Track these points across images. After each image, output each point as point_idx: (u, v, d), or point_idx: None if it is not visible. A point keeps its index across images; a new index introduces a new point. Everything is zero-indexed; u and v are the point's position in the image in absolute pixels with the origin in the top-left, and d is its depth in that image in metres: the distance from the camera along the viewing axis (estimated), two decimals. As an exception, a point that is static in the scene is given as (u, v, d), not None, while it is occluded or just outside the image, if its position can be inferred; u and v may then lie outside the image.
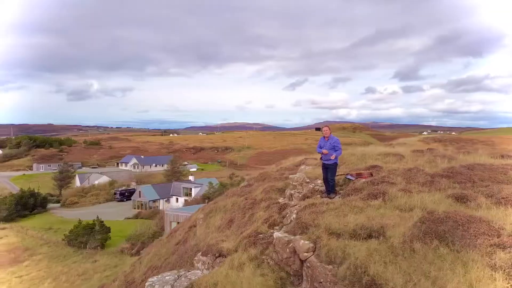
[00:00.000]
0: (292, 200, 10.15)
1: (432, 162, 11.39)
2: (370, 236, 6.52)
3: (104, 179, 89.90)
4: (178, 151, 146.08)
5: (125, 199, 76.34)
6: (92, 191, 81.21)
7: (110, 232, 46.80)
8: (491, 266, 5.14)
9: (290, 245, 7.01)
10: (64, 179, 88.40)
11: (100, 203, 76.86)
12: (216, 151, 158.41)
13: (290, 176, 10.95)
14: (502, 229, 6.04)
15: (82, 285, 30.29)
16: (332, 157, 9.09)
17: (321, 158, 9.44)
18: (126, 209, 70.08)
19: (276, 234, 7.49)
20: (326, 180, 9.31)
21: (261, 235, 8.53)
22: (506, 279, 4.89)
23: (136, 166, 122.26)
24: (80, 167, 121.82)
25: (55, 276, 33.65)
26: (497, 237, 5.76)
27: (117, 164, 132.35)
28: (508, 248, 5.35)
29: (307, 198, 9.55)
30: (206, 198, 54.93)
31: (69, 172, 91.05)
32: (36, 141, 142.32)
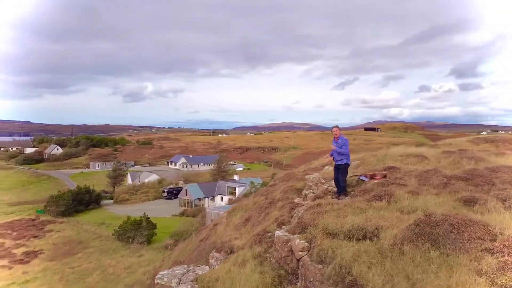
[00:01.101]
0: (306, 200, 10.22)
1: (456, 163, 10.98)
2: (364, 237, 6.53)
3: (153, 177, 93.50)
4: (225, 150, 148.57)
5: (172, 197, 78.98)
6: (142, 189, 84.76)
7: (156, 228, 48.68)
8: (477, 271, 5.03)
9: (288, 244, 7.16)
10: (117, 177, 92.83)
11: (149, 200, 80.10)
12: (262, 151, 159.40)
13: (306, 176, 11.01)
14: (500, 234, 5.84)
15: (127, 278, 31.88)
16: (332, 147, 9.18)
17: (333, 159, 9.45)
18: (173, 206, 72.57)
19: (277, 233, 7.66)
20: (337, 181, 9.31)
21: (269, 234, 8.72)
22: (489, 284, 4.76)
23: (184, 165, 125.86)
24: (133, 166, 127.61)
25: (103, 269, 35.67)
26: (491, 242, 5.59)
27: (167, 163, 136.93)
28: (498, 253, 5.19)
29: (318, 198, 9.58)
30: (246, 197, 55.63)
31: (121, 171, 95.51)
32: (93, 140, 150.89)
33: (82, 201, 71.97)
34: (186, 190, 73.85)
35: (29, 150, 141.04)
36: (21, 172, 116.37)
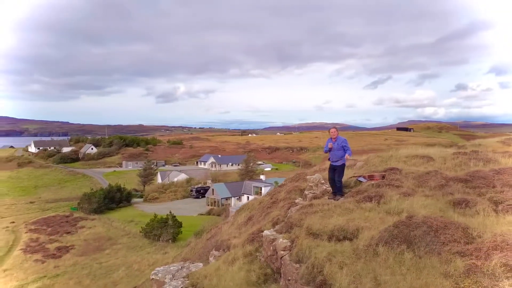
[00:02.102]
0: (306, 200, 10.27)
1: (462, 165, 10.72)
2: (345, 238, 6.57)
3: (182, 176, 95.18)
4: (253, 150, 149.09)
5: (200, 196, 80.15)
6: (171, 188, 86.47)
7: (181, 226, 49.62)
8: (445, 274, 5.01)
9: (273, 243, 7.27)
10: (147, 176, 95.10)
11: (177, 199, 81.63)
12: (291, 151, 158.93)
13: (307, 177, 11.05)
14: (479, 237, 5.76)
15: (149, 275, 32.70)
16: (347, 157, 9.12)
17: (329, 159, 9.46)
18: (200, 205, 73.68)
19: (265, 232, 7.78)
20: (332, 181, 9.31)
21: (262, 233, 8.84)
22: (453, 287, 4.73)
23: (213, 165, 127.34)
24: (163, 165, 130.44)
25: (129, 265, 36.76)
26: (465, 245, 5.52)
27: (197, 162, 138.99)
28: (467, 256, 5.13)
29: (316, 199, 9.63)
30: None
31: (152, 170, 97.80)
32: (125, 140, 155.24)
33: (113, 199, 74.22)
34: (213, 189, 74.79)
35: (66, 150, 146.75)
36: (58, 170, 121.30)
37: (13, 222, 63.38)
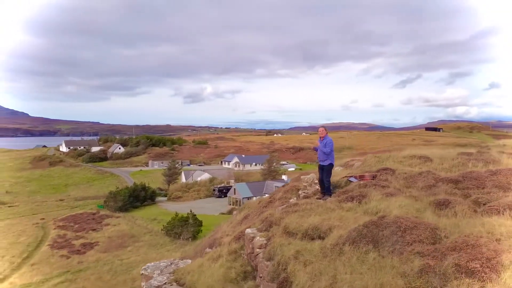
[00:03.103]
0: (299, 199, 10.35)
1: (460, 165, 10.53)
2: (318, 237, 6.65)
3: (205, 176, 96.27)
4: (277, 150, 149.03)
5: (222, 196, 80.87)
6: (194, 187, 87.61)
7: (201, 225, 50.28)
8: (402, 273, 5.03)
9: (252, 241, 7.42)
10: (171, 175, 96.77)
11: (200, 198, 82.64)
12: (315, 151, 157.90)
13: (302, 177, 11.12)
14: (446, 238, 5.73)
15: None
16: (311, 147, 9.22)
17: (318, 159, 9.52)
18: (222, 204, 74.36)
19: (247, 230, 7.93)
20: (321, 181, 9.36)
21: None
22: (405, 287, 4.76)
23: (237, 165, 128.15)
24: (188, 165, 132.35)
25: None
26: (428, 245, 5.51)
27: (221, 162, 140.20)
28: (426, 257, 5.13)
29: (306, 198, 9.70)
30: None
31: (176, 169, 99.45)
32: (152, 140, 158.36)
33: (138, 198, 75.86)
34: (235, 189, 75.36)
35: (94, 149, 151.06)
36: (87, 169, 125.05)
37: (43, 218, 65.85)
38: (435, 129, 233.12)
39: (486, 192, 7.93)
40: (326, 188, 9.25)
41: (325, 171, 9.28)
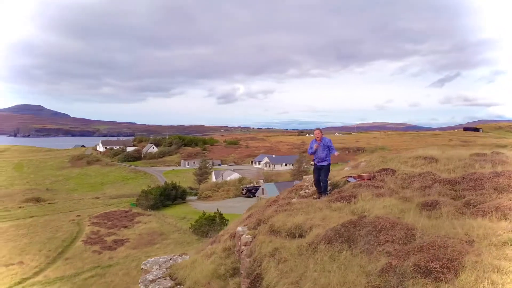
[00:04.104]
0: (298, 199, 10.44)
1: (466, 166, 10.28)
2: (300, 235, 6.77)
3: (235, 176, 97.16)
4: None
5: (251, 195, 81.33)
6: (224, 187, 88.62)
7: (228, 224, 50.83)
8: (367, 272, 5.10)
9: (240, 239, 7.61)
10: (202, 174, 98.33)
11: (229, 197, 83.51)
12: (347, 151, 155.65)
13: (304, 176, 11.19)
14: (420, 238, 5.73)
15: (192, 269, 34.15)
16: (335, 155, 9.30)
17: (313, 161, 9.59)
18: (250, 204, 74.74)
19: (238, 228, 8.13)
20: (317, 182, 9.43)
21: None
22: (367, 285, 4.83)
23: (267, 165, 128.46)
24: (219, 164, 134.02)
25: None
26: (399, 245, 5.54)
27: (252, 162, 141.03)
28: (392, 256, 5.17)
29: (304, 198, 9.79)
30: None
31: (207, 169, 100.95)
32: (184, 140, 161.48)
33: (169, 196, 77.60)
34: (263, 189, 75.66)
35: (129, 149, 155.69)
36: (122, 168, 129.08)
37: (79, 215, 68.62)
38: (474, 129, 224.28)
39: (481, 193, 7.76)
40: (324, 188, 9.32)
41: (323, 171, 9.36)
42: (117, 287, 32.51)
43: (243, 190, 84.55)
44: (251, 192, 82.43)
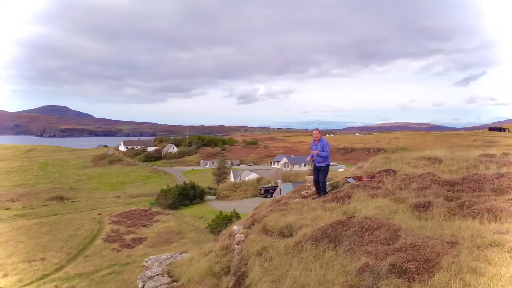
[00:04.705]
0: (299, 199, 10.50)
1: (470, 167, 10.14)
2: (290, 235, 6.87)
3: (253, 176, 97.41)
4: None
5: (269, 196, 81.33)
6: (242, 187, 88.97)
7: (242, 224, 51.11)
8: (346, 272, 5.16)
9: (234, 238, 7.75)
10: (220, 174, 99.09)
11: (247, 197, 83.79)
12: (367, 152, 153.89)
13: (305, 177, 11.24)
14: (404, 239, 5.74)
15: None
16: (314, 152, 9.37)
17: (313, 161, 9.65)
18: (267, 204, 74.90)
19: (234, 227, 8.27)
20: (316, 182, 9.47)
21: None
22: (344, 284, 4.89)
23: (286, 165, 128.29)
24: (238, 165, 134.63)
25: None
26: (382, 245, 5.57)
27: (270, 162, 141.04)
28: (371, 256, 5.21)
29: (305, 198, 9.85)
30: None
31: (225, 169, 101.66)
32: (204, 140, 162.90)
33: (187, 196, 78.44)
34: (280, 189, 75.62)
35: (150, 149, 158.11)
36: (142, 168, 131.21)
37: (100, 214, 70.13)
38: (499, 129, 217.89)
39: (478, 195, 7.67)
40: (322, 188, 9.37)
41: (321, 172, 9.41)
42: (133, 284, 33.11)
43: (260, 190, 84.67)
44: (269, 192, 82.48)
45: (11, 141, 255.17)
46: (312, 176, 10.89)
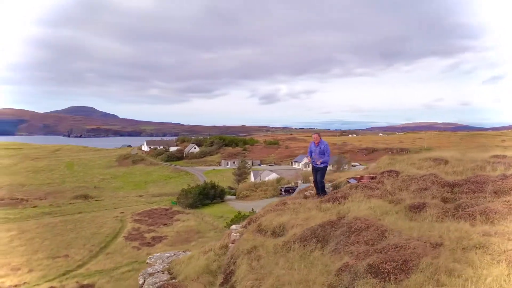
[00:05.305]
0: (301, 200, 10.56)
1: (476, 169, 9.96)
2: (282, 234, 6.95)
3: (273, 176, 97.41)
4: (349, 151, 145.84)
5: (288, 195, 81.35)
6: (262, 187, 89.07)
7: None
8: (328, 271, 5.22)
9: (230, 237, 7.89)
10: (241, 174, 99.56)
11: (267, 198, 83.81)
12: (390, 152, 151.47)
13: (311, 178, 11.28)
14: (389, 239, 5.74)
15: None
16: (318, 162, 9.38)
17: (312, 162, 9.70)
18: (287, 205, 74.75)
19: (232, 226, 8.41)
20: (316, 183, 9.52)
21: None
22: (323, 284, 4.96)
23: (307, 165, 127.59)
24: (259, 165, 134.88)
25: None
26: (366, 245, 5.59)
27: (291, 162, 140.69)
28: (353, 256, 5.26)
29: (307, 198, 9.90)
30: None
31: (245, 169, 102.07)
32: (225, 140, 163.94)
33: (208, 195, 79.13)
34: (299, 189, 75.38)
35: (172, 149, 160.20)
36: (164, 167, 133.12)
37: (123, 212, 71.63)
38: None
39: (477, 196, 7.56)
40: (321, 188, 9.41)
41: (319, 172, 9.46)
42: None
43: (280, 190, 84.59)
44: (288, 192, 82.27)
45: (40, 141, 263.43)
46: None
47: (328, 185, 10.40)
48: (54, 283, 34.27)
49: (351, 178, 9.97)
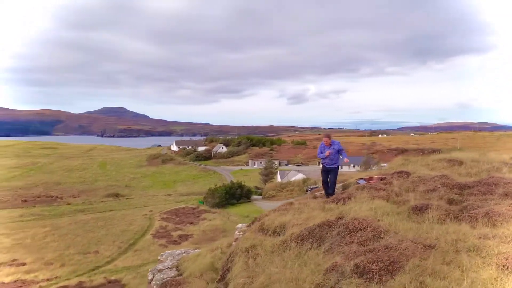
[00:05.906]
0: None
1: (492, 170, 9.67)
2: (283, 233, 7.03)
3: (299, 176, 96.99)
4: (378, 152, 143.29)
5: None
6: (288, 187, 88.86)
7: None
8: (319, 270, 5.28)
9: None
10: (267, 174, 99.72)
11: (292, 198, 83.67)
12: (421, 153, 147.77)
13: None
14: (384, 240, 5.73)
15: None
16: (346, 161, 9.38)
17: (322, 163, 9.69)
18: (313, 205, 74.31)
19: (238, 225, 8.55)
20: (325, 183, 9.51)
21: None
22: (312, 283, 5.02)
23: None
24: (286, 165, 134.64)
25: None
26: (359, 246, 5.61)
27: (319, 163, 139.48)
28: (344, 257, 5.27)
29: (316, 198, 9.91)
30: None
31: (272, 169, 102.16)
32: (252, 140, 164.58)
33: (234, 195, 79.78)
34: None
35: (200, 149, 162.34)
36: (193, 167, 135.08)
37: (151, 210, 73.27)
38: None
39: (486, 198, 7.38)
40: (332, 189, 9.40)
41: (332, 173, 9.46)
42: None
43: (307, 190, 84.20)
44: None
45: (74, 141, 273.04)
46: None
47: (338, 186, 10.38)
48: (84, 278, 35.52)
49: (360, 178, 9.90)
